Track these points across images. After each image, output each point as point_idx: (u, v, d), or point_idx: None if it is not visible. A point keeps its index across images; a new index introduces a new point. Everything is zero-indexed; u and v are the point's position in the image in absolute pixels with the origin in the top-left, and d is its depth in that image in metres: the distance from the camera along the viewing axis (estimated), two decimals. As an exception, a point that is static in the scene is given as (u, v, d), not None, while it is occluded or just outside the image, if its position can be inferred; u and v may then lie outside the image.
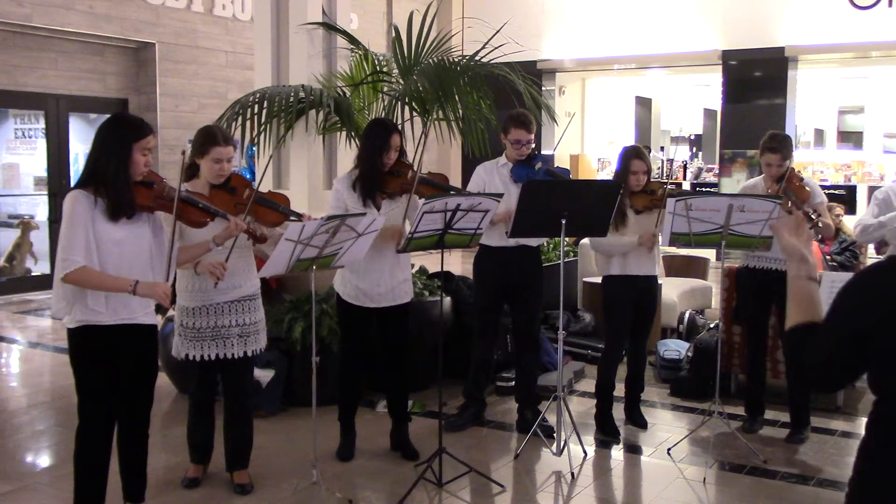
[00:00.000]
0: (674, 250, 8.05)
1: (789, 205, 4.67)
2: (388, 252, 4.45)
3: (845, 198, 11.24)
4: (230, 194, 3.93)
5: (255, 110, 5.64)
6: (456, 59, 5.75)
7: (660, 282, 5.35)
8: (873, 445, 1.75)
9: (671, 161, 13.47)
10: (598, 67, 13.95)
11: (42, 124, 10.22)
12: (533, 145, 4.96)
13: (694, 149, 18.32)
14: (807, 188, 4.83)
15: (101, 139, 3.43)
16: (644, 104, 16.88)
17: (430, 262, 5.84)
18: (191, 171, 4.00)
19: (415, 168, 4.47)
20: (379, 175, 4.43)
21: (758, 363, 5.20)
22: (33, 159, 10.49)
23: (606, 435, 5.03)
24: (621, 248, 4.89)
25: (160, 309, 3.61)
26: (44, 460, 4.90)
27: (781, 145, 4.87)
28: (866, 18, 11.21)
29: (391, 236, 4.35)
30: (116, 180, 3.36)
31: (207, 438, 4.27)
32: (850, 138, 17.28)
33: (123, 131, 3.43)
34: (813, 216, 4.55)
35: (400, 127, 5.71)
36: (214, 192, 3.91)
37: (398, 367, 4.71)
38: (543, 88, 12.55)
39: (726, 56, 12.22)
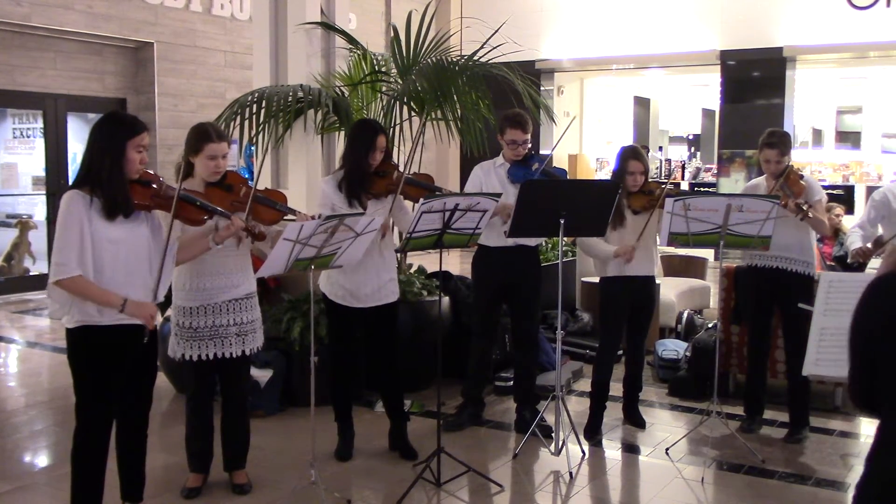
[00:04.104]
0: (672, 250, 8.05)
1: (786, 199, 4.68)
2: (374, 252, 4.44)
3: (843, 198, 11.24)
4: (226, 192, 3.91)
5: (254, 110, 5.65)
6: (454, 59, 5.76)
7: (658, 282, 5.36)
8: (875, 447, 1.78)
9: (669, 161, 13.47)
10: (597, 67, 13.95)
11: (40, 124, 10.22)
12: (529, 145, 4.96)
13: (692, 149, 18.32)
14: (803, 182, 4.84)
15: (94, 138, 3.42)
16: (642, 104, 16.87)
17: (429, 261, 5.84)
18: (185, 171, 3.97)
19: (401, 169, 4.47)
20: (364, 175, 4.43)
21: (759, 362, 5.20)
22: (31, 159, 10.49)
23: (588, 440, 4.99)
24: (600, 255, 4.91)
25: (159, 308, 3.58)
26: (42, 460, 4.90)
27: (779, 141, 4.89)
28: (864, 19, 11.22)
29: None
30: (111, 179, 3.34)
31: (207, 445, 4.22)
32: (849, 138, 17.29)
33: (116, 129, 3.41)
34: (804, 207, 4.62)
35: (398, 127, 5.73)
36: (210, 191, 3.89)
37: (389, 366, 4.71)
38: (542, 88, 12.55)
39: (725, 56, 12.23)
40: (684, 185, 13.09)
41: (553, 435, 4.78)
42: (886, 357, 1.70)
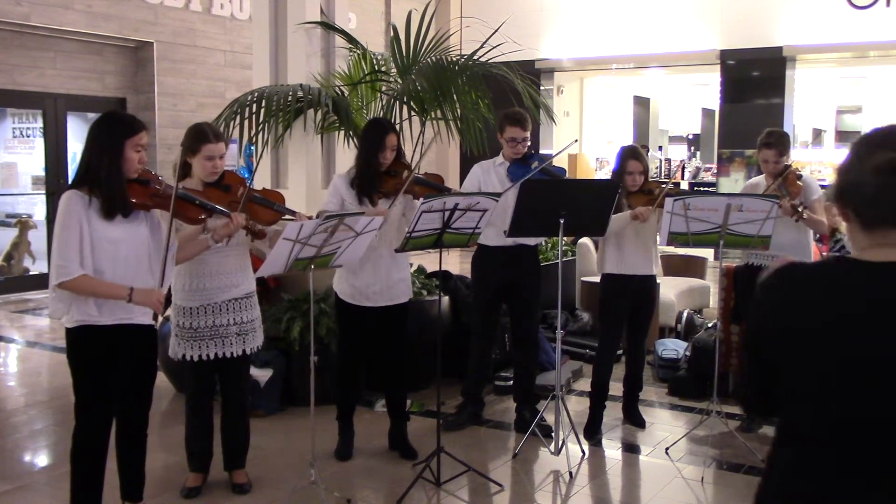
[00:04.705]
0: (672, 250, 8.05)
1: (782, 199, 4.70)
2: (385, 251, 4.45)
3: (843, 197, 11.22)
4: (224, 192, 3.90)
5: (254, 109, 5.64)
6: (454, 59, 5.75)
7: (658, 281, 5.35)
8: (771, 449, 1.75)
9: (669, 161, 13.47)
10: (597, 67, 13.96)
11: (40, 123, 10.22)
12: (529, 143, 4.97)
13: (692, 148, 18.32)
14: (799, 183, 4.86)
15: (92, 137, 3.41)
16: (642, 104, 16.88)
17: (429, 261, 5.84)
18: (183, 171, 3.97)
19: (412, 168, 4.47)
20: (375, 174, 4.43)
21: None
22: (31, 158, 10.49)
23: (588, 439, 4.99)
24: (618, 225, 4.81)
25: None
26: (41, 460, 4.90)
27: (777, 141, 4.91)
28: (864, 18, 11.22)
29: (374, 214, 4.15)
30: (109, 178, 3.33)
31: (206, 445, 4.22)
32: (849, 138, 17.29)
33: (115, 128, 3.40)
34: (799, 209, 4.64)
35: (398, 126, 5.72)
36: (208, 191, 3.88)
37: (396, 366, 4.71)
38: (541, 88, 12.55)
39: (724, 56, 12.23)
40: (684, 185, 13.10)
41: (553, 434, 4.78)
42: (783, 357, 1.62)
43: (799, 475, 1.61)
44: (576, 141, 6.15)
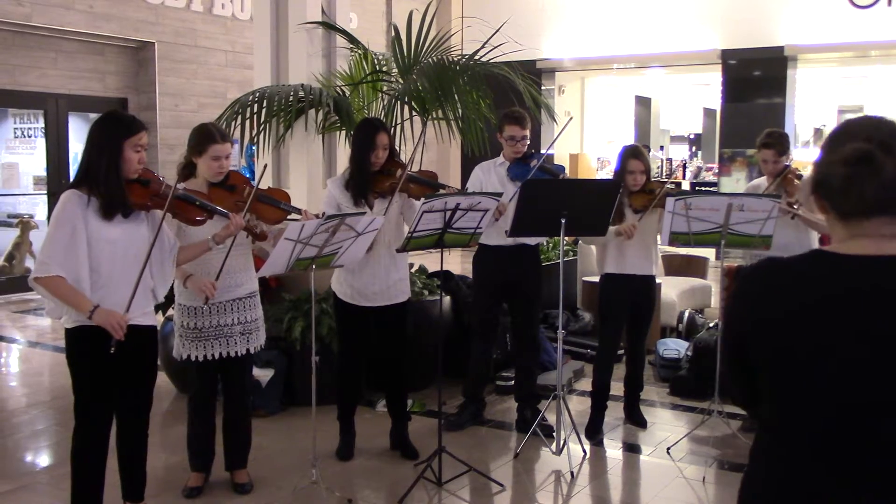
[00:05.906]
0: (673, 249, 8.04)
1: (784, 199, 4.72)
2: (383, 251, 4.45)
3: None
4: (230, 192, 3.91)
5: (255, 110, 5.65)
6: (455, 59, 5.76)
7: (659, 281, 5.35)
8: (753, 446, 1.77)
9: (670, 160, 13.48)
10: (598, 67, 13.95)
11: (41, 124, 10.23)
12: (528, 142, 4.97)
13: (693, 148, 18.31)
14: (797, 182, 4.88)
15: (92, 137, 3.41)
16: (643, 103, 16.87)
17: (430, 261, 5.84)
18: (188, 171, 3.97)
19: (406, 166, 4.47)
20: (368, 174, 4.43)
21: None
22: (33, 159, 10.51)
23: (589, 439, 4.99)
24: (603, 239, 4.84)
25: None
26: (43, 460, 4.90)
27: (776, 141, 4.93)
28: (866, 18, 11.21)
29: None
30: (108, 178, 3.33)
31: (208, 445, 4.22)
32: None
33: (114, 128, 3.40)
34: (795, 207, 4.66)
35: (399, 126, 5.73)
36: (213, 191, 3.89)
37: (397, 366, 4.71)
38: (543, 88, 12.54)
39: (726, 55, 12.22)
40: (685, 185, 13.09)
41: (554, 434, 4.78)
42: (755, 347, 1.64)
43: (775, 462, 1.63)
44: (571, 118, 6.11)
